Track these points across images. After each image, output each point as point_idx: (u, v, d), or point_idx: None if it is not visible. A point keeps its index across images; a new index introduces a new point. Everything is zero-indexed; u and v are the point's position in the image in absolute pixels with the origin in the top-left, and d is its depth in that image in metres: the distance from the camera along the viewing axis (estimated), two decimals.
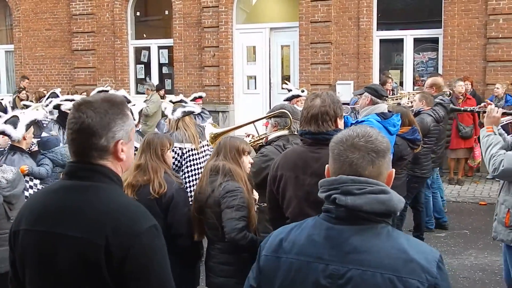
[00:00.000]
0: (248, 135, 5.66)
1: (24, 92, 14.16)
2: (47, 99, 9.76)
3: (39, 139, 6.77)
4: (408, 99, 8.26)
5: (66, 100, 8.06)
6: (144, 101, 11.61)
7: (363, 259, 1.95)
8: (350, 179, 2.04)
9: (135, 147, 6.34)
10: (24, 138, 6.00)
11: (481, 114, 5.12)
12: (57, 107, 7.78)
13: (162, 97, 12.95)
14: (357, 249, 1.98)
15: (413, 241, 2.05)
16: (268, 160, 4.69)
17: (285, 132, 5.05)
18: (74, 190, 2.15)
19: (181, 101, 7.45)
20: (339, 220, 2.04)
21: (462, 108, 6.67)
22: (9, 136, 5.92)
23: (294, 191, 3.56)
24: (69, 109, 5.51)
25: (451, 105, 6.92)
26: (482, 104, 5.46)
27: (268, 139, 5.07)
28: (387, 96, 6.20)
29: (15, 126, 5.92)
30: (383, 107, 5.71)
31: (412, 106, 7.90)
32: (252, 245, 4.04)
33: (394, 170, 2.13)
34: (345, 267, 1.98)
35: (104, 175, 2.17)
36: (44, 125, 7.52)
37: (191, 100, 9.92)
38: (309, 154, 3.55)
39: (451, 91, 9.17)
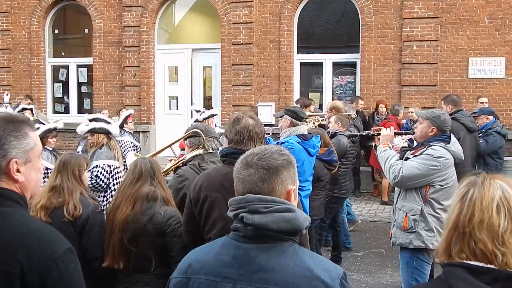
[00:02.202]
0: (170, 160, 5.69)
1: None
2: None
3: None
4: (313, 123, 8.46)
5: None
6: None
7: (268, 277, 2.01)
8: (256, 197, 2.09)
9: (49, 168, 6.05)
10: None
11: (375, 136, 5.80)
12: None
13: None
14: (263, 268, 2.03)
15: (317, 259, 2.11)
16: (184, 180, 4.75)
17: (200, 151, 5.14)
18: None
19: (96, 119, 7.31)
20: (247, 238, 2.08)
21: (359, 133, 7.21)
22: None
23: (220, 213, 3.53)
24: None
25: (348, 132, 7.58)
26: (376, 128, 6.24)
27: (185, 160, 5.15)
28: (306, 118, 6.38)
29: None
30: (303, 129, 5.84)
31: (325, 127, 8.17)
32: None
33: (294, 187, 2.18)
34: (252, 285, 2.03)
35: (8, 198, 2.08)
36: None
37: (123, 120, 10.21)
38: None
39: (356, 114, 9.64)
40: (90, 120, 7.17)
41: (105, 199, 6.04)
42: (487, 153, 8.90)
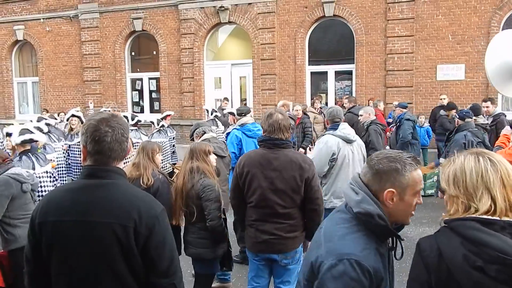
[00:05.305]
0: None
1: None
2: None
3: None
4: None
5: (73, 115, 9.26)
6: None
7: None
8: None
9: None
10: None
11: None
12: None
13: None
14: None
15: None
16: None
17: (206, 136, 5.94)
18: (98, 187, 2.29)
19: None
20: None
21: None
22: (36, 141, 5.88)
23: (259, 183, 3.87)
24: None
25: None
26: None
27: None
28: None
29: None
30: (245, 119, 6.71)
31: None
32: (224, 226, 4.52)
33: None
34: None
35: (116, 172, 2.37)
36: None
37: (162, 117, 11.47)
38: (270, 155, 3.91)
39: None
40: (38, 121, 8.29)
41: None
42: (406, 136, 9.82)
